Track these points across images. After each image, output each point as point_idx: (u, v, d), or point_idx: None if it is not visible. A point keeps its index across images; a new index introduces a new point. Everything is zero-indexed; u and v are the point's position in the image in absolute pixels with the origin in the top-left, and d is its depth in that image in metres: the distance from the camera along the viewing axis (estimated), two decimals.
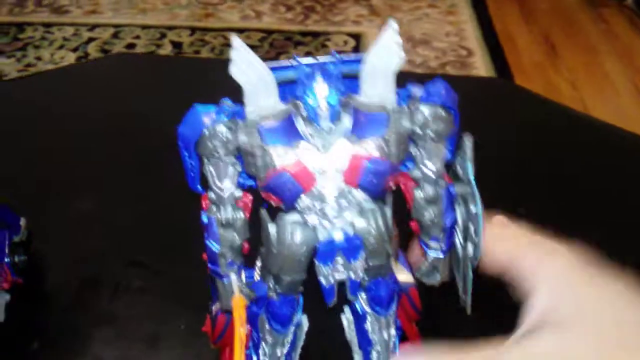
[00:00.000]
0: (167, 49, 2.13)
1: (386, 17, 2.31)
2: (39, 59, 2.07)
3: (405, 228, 0.35)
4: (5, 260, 0.51)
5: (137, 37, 2.20)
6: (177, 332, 0.50)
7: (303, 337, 0.40)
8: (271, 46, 2.14)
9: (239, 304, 0.33)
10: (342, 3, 2.40)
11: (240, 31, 2.21)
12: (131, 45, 2.14)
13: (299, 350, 0.39)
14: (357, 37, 2.19)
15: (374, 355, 0.38)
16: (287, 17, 2.32)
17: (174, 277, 0.54)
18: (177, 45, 2.15)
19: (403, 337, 0.41)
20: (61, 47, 2.15)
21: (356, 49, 2.12)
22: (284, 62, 0.31)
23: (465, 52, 2.09)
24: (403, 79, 0.31)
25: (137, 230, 0.61)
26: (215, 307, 0.39)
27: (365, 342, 0.39)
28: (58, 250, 0.58)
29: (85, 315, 0.52)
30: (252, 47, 0.30)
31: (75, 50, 2.12)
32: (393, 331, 0.38)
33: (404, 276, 0.39)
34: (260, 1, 2.42)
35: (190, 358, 0.49)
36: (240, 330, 0.32)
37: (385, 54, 0.30)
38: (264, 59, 0.31)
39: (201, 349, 0.47)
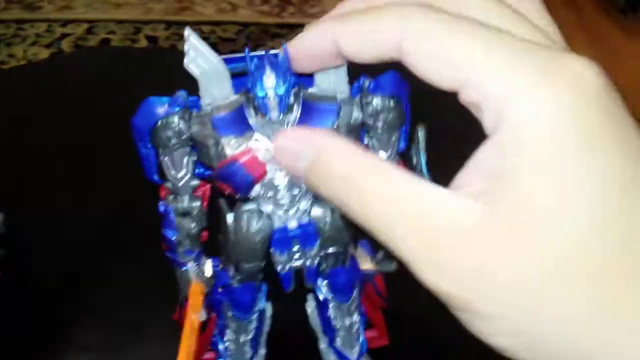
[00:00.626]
0: (142, 44, 2.11)
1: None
2: (11, 56, 2.05)
3: None
4: None
5: (112, 32, 2.18)
6: (161, 321, 0.49)
7: (268, 323, 0.41)
8: (248, 39, 2.13)
9: (195, 291, 0.34)
10: None
11: (216, 24, 2.20)
12: (106, 41, 2.12)
13: (264, 336, 0.40)
14: None
15: (338, 341, 0.39)
16: (262, 9, 2.32)
17: (156, 267, 0.54)
18: (152, 39, 2.13)
19: (368, 324, 0.41)
20: (34, 43, 2.12)
21: None
22: (236, 54, 0.31)
23: None
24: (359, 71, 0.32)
25: (117, 221, 0.61)
26: (182, 296, 0.39)
27: (329, 329, 0.39)
28: (38, 243, 0.58)
29: (68, 307, 0.52)
30: (229, 41, 0.30)
31: (48, 46, 2.10)
32: (356, 317, 0.38)
33: (367, 264, 0.39)
34: None
35: (174, 346, 0.49)
36: (193, 316, 0.33)
37: None
38: (241, 52, 0.31)
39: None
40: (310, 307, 0.41)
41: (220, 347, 0.39)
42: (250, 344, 0.39)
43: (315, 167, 0.23)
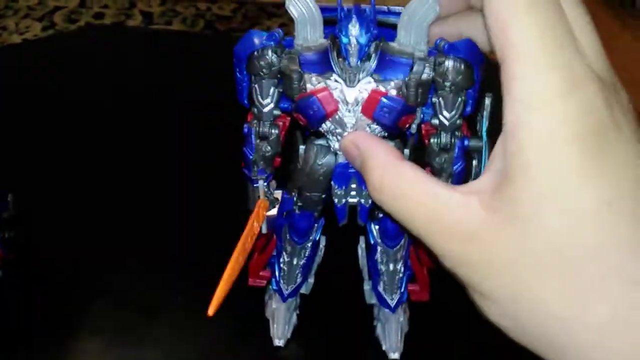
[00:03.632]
0: (137, 19, 2.08)
1: None
2: (3, 28, 2.01)
3: None
4: None
5: (105, 6, 2.15)
6: (175, 305, 0.49)
7: (320, 255, 0.44)
8: (244, 17, 2.11)
9: (260, 204, 0.37)
10: None
11: (213, 2, 2.17)
12: (99, 15, 2.09)
13: (315, 266, 0.44)
14: None
15: (381, 285, 0.41)
16: None
17: (168, 251, 0.53)
18: (147, 15, 2.10)
19: (413, 279, 0.42)
20: (26, 16, 2.08)
21: None
22: (332, 5, 0.34)
23: None
24: None
25: (129, 203, 0.60)
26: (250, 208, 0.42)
27: (374, 272, 0.42)
28: (48, 226, 0.57)
29: (80, 289, 0.51)
30: (225, 18, 0.32)
31: (41, 19, 2.06)
32: (400, 266, 0.40)
33: None
34: None
35: (189, 330, 0.48)
36: (255, 224, 0.36)
37: (422, 7, 0.32)
38: (237, 30, 0.33)
39: (199, 320, 0.46)
40: (361, 248, 0.44)
41: (276, 267, 0.43)
42: (301, 270, 0.42)
43: (361, 169, 0.30)
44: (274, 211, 0.40)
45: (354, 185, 0.35)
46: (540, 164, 0.22)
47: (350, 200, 0.36)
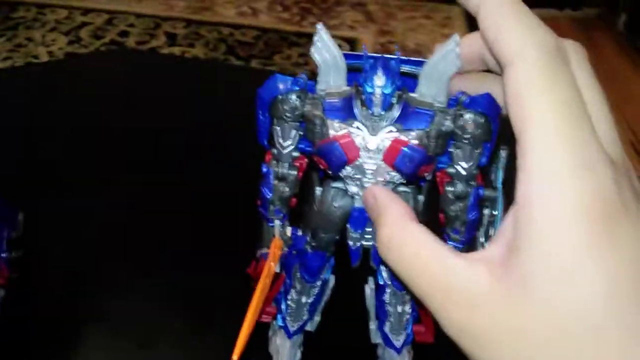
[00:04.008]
0: (160, 40, 2.12)
1: (382, 24, 2.33)
2: (29, 39, 2.05)
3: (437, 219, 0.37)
4: (3, 255, 0.50)
5: (131, 25, 2.19)
6: (170, 330, 0.50)
7: (328, 293, 0.45)
8: (266, 45, 2.14)
9: (276, 244, 0.39)
10: (339, 7, 2.42)
11: (235, 27, 2.21)
12: (124, 33, 2.13)
13: (322, 304, 0.45)
14: (351, 42, 2.20)
15: (387, 325, 0.42)
16: (283, 16, 2.33)
17: (167, 275, 0.54)
18: (171, 36, 2.14)
19: (418, 320, 0.42)
20: (53, 29, 2.12)
21: None
22: (356, 53, 0.36)
23: None
24: None
25: (131, 228, 0.61)
26: (260, 252, 0.44)
27: (382, 312, 0.42)
28: (52, 245, 0.58)
29: (79, 314, 0.52)
30: (247, 45, 0.33)
31: (67, 34, 2.10)
32: (408, 308, 0.41)
33: None
34: None
35: (184, 356, 0.49)
36: (271, 264, 0.37)
37: (445, 61, 0.34)
38: (258, 56, 0.34)
39: (195, 346, 0.47)
40: (369, 288, 0.44)
41: (283, 304, 0.43)
42: (308, 308, 0.43)
43: (375, 222, 0.30)
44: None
45: (369, 229, 0.36)
46: (550, 240, 0.22)
47: (365, 243, 0.37)
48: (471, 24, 2.38)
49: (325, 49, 0.34)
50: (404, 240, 0.27)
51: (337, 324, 0.44)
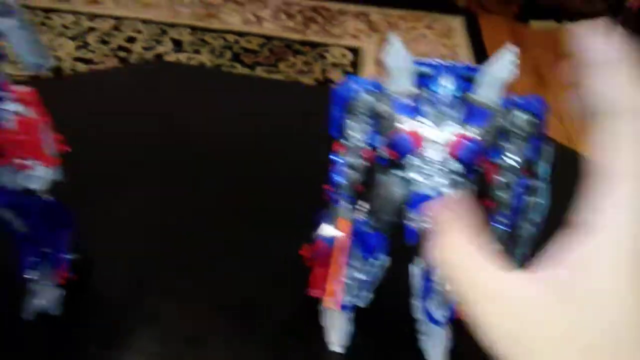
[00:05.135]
0: (167, 46, 2.15)
1: (384, 33, 2.37)
2: None
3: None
4: (64, 257, 0.52)
5: (138, 31, 2.22)
6: (220, 334, 0.52)
7: (381, 273, 0.48)
8: (270, 52, 2.17)
9: (343, 224, 0.43)
10: (342, 16, 2.46)
11: (240, 35, 2.24)
12: (131, 39, 2.16)
13: (375, 283, 0.47)
14: (354, 50, 2.24)
15: (432, 302, 0.46)
16: (287, 25, 2.37)
17: (216, 282, 0.56)
18: (177, 43, 2.17)
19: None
20: (60, 34, 2.15)
21: (354, 63, 2.17)
22: (423, 60, 0.40)
23: None
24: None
25: (180, 231, 0.62)
26: (316, 234, 0.48)
27: (428, 290, 0.46)
28: (107, 248, 0.59)
29: (133, 313, 0.54)
30: (253, 52, 0.36)
31: (74, 39, 2.13)
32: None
33: None
34: (262, 6, 2.46)
35: (233, 356, 0.51)
36: (339, 239, 0.42)
37: (502, 68, 0.37)
38: (263, 64, 0.37)
39: (243, 344, 0.50)
40: (417, 268, 0.47)
41: (342, 280, 0.46)
42: (364, 285, 0.47)
43: (435, 227, 0.30)
44: (334, 231, 0.44)
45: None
46: (603, 273, 0.24)
47: (422, 224, 0.40)
48: (472, 36, 2.43)
49: (396, 55, 0.38)
50: (462, 257, 0.28)
51: (385, 301, 0.46)
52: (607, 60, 0.26)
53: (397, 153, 0.39)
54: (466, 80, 0.38)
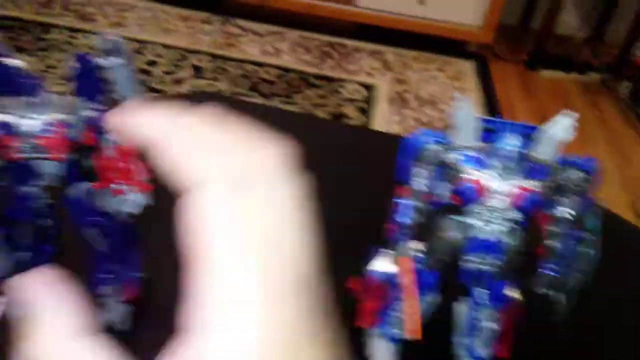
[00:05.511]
0: (188, 72, 2.20)
1: (397, 73, 2.44)
2: (61, 62, 2.13)
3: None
4: (136, 275, 0.53)
5: (159, 55, 2.28)
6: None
7: (431, 309, 0.50)
8: (287, 84, 2.24)
9: (406, 263, 0.46)
10: (358, 53, 2.53)
11: (259, 65, 2.31)
12: (152, 63, 2.21)
13: (423, 318, 0.49)
14: (369, 87, 2.31)
15: (475, 340, 0.49)
16: (304, 58, 2.43)
17: None
18: (197, 69, 2.23)
19: (498, 337, 0.49)
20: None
21: (367, 99, 2.23)
22: (489, 118, 0.44)
23: None
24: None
25: None
26: (369, 268, 0.51)
27: (472, 327, 0.49)
28: (170, 267, 0.62)
29: None
30: (269, 82, 0.40)
31: None
32: (495, 326, 0.47)
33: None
34: (280, 39, 2.53)
35: None
36: (405, 278, 0.45)
37: (561, 130, 0.42)
38: (280, 95, 0.42)
39: None
40: (461, 306, 0.50)
41: (388, 314, 0.50)
42: None
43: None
44: (393, 267, 0.48)
45: (485, 256, 0.44)
46: None
47: (481, 267, 0.44)
48: (482, 80, 2.50)
49: (465, 112, 0.43)
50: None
51: (426, 334, 0.49)
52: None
53: (461, 200, 0.43)
54: (527, 138, 0.42)
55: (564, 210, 0.43)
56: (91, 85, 0.41)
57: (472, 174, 0.42)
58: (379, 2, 2.55)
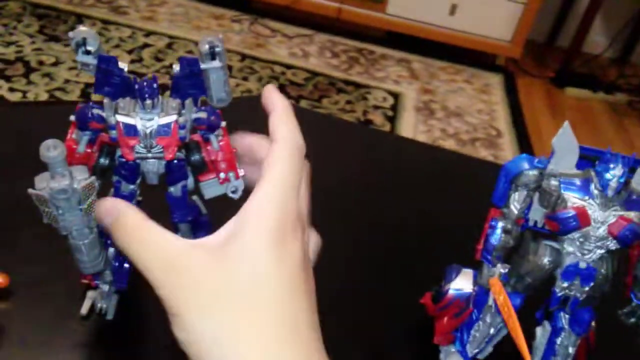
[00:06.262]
0: None
1: (424, 82, 2.45)
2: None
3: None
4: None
5: (190, 52, 2.29)
6: None
7: (507, 330, 0.49)
8: (315, 87, 2.24)
9: (497, 283, 0.46)
10: (385, 60, 2.54)
11: (287, 67, 2.32)
12: None
13: (498, 339, 0.51)
14: (395, 95, 2.31)
15: None
16: (332, 62, 2.44)
17: (348, 314, 0.59)
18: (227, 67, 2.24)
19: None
20: (117, 46, 2.23)
21: (394, 106, 2.24)
22: (591, 147, 0.45)
23: (495, 132, 2.22)
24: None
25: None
26: (445, 287, 0.52)
27: (550, 351, 0.50)
28: None
29: None
30: (297, 85, 0.42)
31: (130, 52, 2.20)
32: (574, 351, 0.48)
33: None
34: (309, 42, 2.54)
35: None
36: (501, 297, 0.45)
37: None
38: (308, 98, 0.43)
39: None
40: (541, 330, 0.51)
41: (465, 333, 0.51)
42: (489, 339, 0.50)
43: (112, 225, 0.37)
44: (466, 286, 0.49)
45: (576, 282, 0.45)
46: (252, 238, 0.34)
47: (570, 292, 0.45)
48: (508, 94, 2.50)
49: (565, 139, 0.44)
50: (138, 226, 0.35)
51: (503, 357, 0.49)
52: None
53: (560, 227, 0.43)
54: (627, 168, 0.43)
55: None
56: (194, 86, 0.42)
57: (575, 202, 0.43)
58: (409, 11, 2.56)
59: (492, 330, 0.49)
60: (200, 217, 0.48)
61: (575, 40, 2.59)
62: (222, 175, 0.44)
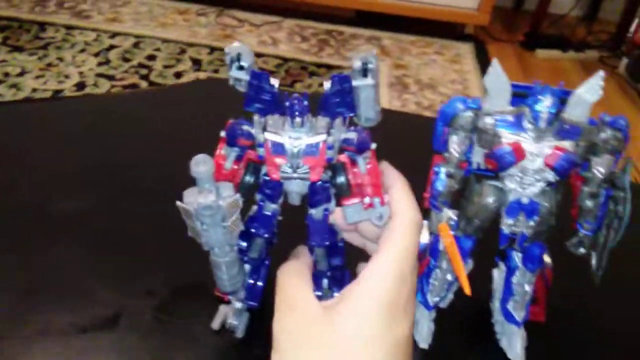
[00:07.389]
0: (187, 65, 2.20)
1: (396, 58, 2.44)
2: (60, 59, 2.12)
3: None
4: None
5: (158, 49, 2.27)
6: None
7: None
8: (287, 73, 2.24)
9: (444, 227, 0.46)
10: (355, 40, 2.53)
11: (258, 55, 2.30)
12: (151, 57, 2.21)
13: (457, 285, 0.51)
14: None
15: (511, 303, 0.50)
16: (302, 47, 2.43)
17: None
18: (196, 62, 2.23)
19: (533, 301, 0.50)
20: (83, 50, 2.20)
21: None
22: (521, 83, 0.44)
23: None
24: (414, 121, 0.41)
25: None
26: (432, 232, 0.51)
27: (507, 292, 0.50)
28: None
29: None
30: (270, 73, 0.40)
31: (96, 55, 2.18)
32: (530, 289, 0.49)
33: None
34: (277, 28, 2.53)
35: None
36: (448, 240, 0.46)
37: (590, 91, 0.42)
38: (281, 84, 0.41)
39: None
40: (498, 271, 0.52)
41: (425, 282, 0.51)
42: (448, 285, 0.51)
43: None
44: (423, 237, 0.49)
45: (521, 218, 0.45)
46: (360, 307, 0.37)
47: (516, 229, 0.45)
48: (480, 62, 2.50)
49: (495, 78, 0.44)
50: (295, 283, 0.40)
51: (465, 300, 0.49)
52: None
53: (497, 164, 0.43)
54: (558, 100, 0.42)
55: (597, 170, 0.44)
56: (343, 105, 0.41)
57: (509, 138, 0.43)
58: None
59: (449, 276, 0.50)
60: (338, 243, 0.45)
61: (542, 2, 2.60)
62: (366, 200, 0.42)
